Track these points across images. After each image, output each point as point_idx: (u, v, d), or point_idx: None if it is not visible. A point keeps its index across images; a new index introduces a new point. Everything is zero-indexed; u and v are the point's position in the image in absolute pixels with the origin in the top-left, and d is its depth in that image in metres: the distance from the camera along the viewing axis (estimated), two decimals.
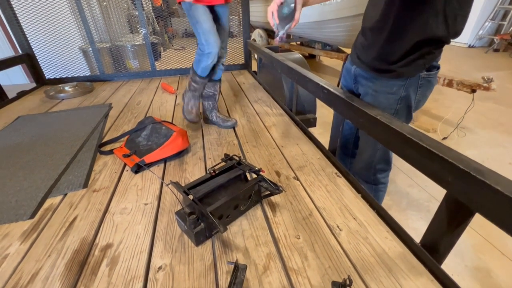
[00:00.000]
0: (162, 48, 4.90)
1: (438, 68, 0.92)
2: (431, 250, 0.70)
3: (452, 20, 0.77)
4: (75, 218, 0.91)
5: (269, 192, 0.90)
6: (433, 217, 0.68)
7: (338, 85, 1.23)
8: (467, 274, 1.22)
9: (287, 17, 0.89)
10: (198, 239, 0.78)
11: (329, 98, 1.11)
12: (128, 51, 3.64)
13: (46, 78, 2.48)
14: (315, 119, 1.78)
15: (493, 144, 2.44)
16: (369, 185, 1.15)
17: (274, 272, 0.71)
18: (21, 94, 2.19)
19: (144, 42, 2.78)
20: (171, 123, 1.40)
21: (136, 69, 3.62)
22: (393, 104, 0.95)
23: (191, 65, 2.80)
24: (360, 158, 1.15)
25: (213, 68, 1.38)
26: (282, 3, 0.87)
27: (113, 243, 0.81)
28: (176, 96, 2.10)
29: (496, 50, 5.95)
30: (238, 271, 0.62)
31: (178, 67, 2.74)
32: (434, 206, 1.68)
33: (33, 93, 2.25)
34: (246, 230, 0.84)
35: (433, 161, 0.64)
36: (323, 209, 0.92)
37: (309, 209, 0.92)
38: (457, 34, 0.81)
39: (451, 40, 0.82)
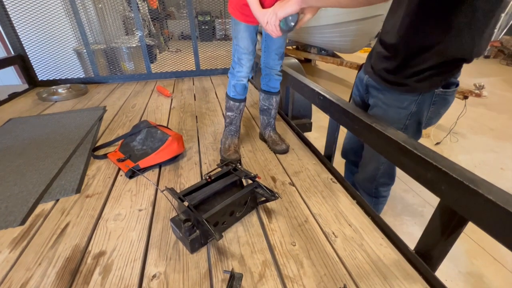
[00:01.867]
0: (157, 51, 4.88)
1: (457, 85, 0.85)
2: (425, 257, 0.70)
3: (477, 39, 0.71)
4: (67, 225, 0.90)
5: (265, 199, 0.90)
6: (427, 224, 0.69)
7: (351, 98, 1.20)
8: (460, 279, 1.24)
9: (284, 32, 0.88)
10: (193, 247, 0.77)
11: (325, 105, 1.12)
12: (123, 53, 3.60)
13: (39, 79, 2.45)
14: (310, 124, 1.79)
15: (485, 149, 2.49)
16: (370, 197, 1.12)
17: (270, 280, 0.70)
18: (13, 96, 2.15)
19: (139, 44, 2.76)
20: (167, 127, 1.39)
21: (131, 71, 3.59)
22: (403, 119, 0.90)
23: (187, 68, 2.80)
24: (363, 170, 1.12)
25: (268, 78, 1.25)
26: (282, 19, 0.83)
27: (106, 251, 0.80)
28: (172, 100, 2.09)
29: (487, 57, 6.11)
30: (234, 280, 0.61)
31: (174, 70, 2.73)
32: (428, 211, 1.71)
33: (25, 95, 2.22)
34: (241, 237, 0.84)
35: (427, 170, 0.64)
36: (319, 216, 0.92)
37: (304, 215, 0.92)
38: (480, 53, 0.75)
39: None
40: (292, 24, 0.83)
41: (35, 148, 1.37)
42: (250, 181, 0.94)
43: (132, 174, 1.14)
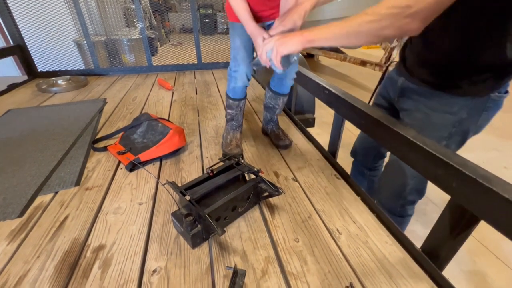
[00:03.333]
0: (159, 43, 4.82)
1: (507, 91, 0.77)
2: (432, 256, 0.69)
3: None
4: (66, 218, 0.88)
5: (268, 194, 0.88)
6: (436, 223, 0.67)
7: (370, 100, 1.15)
8: (463, 278, 1.23)
9: (285, 68, 0.80)
10: (195, 242, 0.76)
11: (330, 99, 1.10)
12: (124, 45, 3.55)
13: (39, 70, 2.41)
14: (313, 119, 1.77)
15: (488, 147, 2.46)
16: (394, 216, 0.97)
17: (273, 277, 0.69)
18: (12, 87, 2.12)
19: (140, 36, 2.72)
20: (168, 120, 1.37)
21: (132, 64, 3.55)
22: (449, 125, 0.79)
23: (188, 61, 2.76)
24: (386, 186, 0.97)
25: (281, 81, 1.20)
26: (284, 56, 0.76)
27: (105, 245, 0.78)
28: (173, 93, 2.06)
29: None
30: (237, 276, 0.60)
31: (175, 63, 2.69)
32: (431, 209, 1.69)
33: (25, 86, 2.19)
34: (244, 233, 0.82)
35: (438, 166, 0.62)
36: (323, 212, 0.90)
37: (308, 211, 0.91)
38: None
39: None
40: (294, 59, 0.81)
41: (34, 139, 1.35)
42: (252, 176, 0.92)
43: (132, 167, 1.12)
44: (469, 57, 0.71)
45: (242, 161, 0.95)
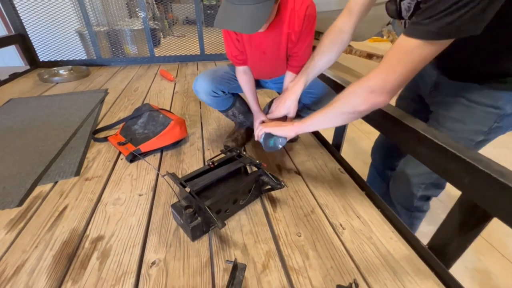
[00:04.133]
0: (162, 35, 4.75)
1: None
2: (439, 253, 0.66)
3: None
4: (65, 208, 0.87)
5: (270, 187, 0.86)
6: (445, 219, 0.64)
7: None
8: (467, 275, 1.20)
9: (268, 149, 0.90)
10: (195, 234, 0.74)
11: (336, 91, 1.06)
12: (126, 35, 3.52)
13: (40, 60, 2.39)
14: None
15: (497, 144, 2.41)
16: (408, 212, 0.94)
17: (274, 271, 0.67)
18: (14, 76, 2.11)
19: (143, 27, 2.67)
20: (169, 111, 1.34)
21: (135, 54, 3.51)
22: (490, 120, 0.74)
23: (191, 53, 2.71)
24: (402, 179, 0.90)
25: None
26: (270, 136, 0.87)
27: (104, 235, 0.77)
28: (175, 84, 2.03)
29: None
30: (237, 270, 0.58)
31: (178, 54, 2.66)
32: (436, 205, 1.66)
33: (26, 76, 2.17)
34: (245, 226, 0.81)
35: (449, 161, 0.59)
36: (326, 206, 0.88)
37: (311, 205, 0.89)
38: None
39: None
40: (280, 146, 0.88)
41: (34, 129, 1.34)
42: (254, 169, 0.90)
43: (133, 158, 1.10)
44: None
45: (244, 153, 0.93)
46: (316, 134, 1.32)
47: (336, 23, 0.85)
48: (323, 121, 0.74)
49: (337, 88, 1.05)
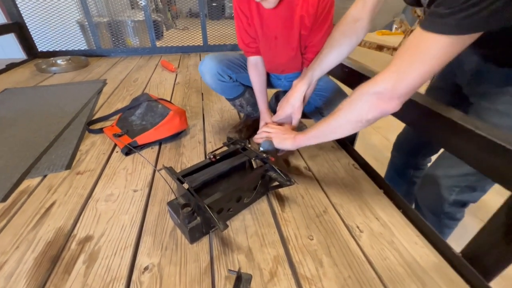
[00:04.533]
0: (164, 27, 4.65)
1: None
2: (476, 263, 0.57)
3: None
4: (53, 204, 0.79)
5: (277, 184, 0.77)
6: (486, 224, 0.55)
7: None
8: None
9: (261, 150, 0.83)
10: (193, 236, 0.66)
11: (351, 78, 0.96)
12: (128, 27, 3.42)
13: (39, 50, 2.32)
14: None
15: None
16: (436, 218, 0.81)
17: (283, 280, 0.59)
18: (10, 66, 2.04)
19: (144, 18, 2.58)
20: (169, 101, 1.25)
21: (136, 46, 3.42)
22: None
23: (194, 43, 2.62)
24: (432, 180, 0.78)
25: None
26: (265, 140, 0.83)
27: (93, 236, 0.69)
28: (177, 75, 1.94)
29: None
30: (240, 282, 0.49)
31: (180, 45, 2.56)
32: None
33: (23, 66, 2.10)
34: (249, 227, 0.72)
35: (495, 155, 0.50)
36: (340, 206, 0.79)
37: (323, 205, 0.80)
38: None
39: None
40: (270, 150, 0.82)
41: (27, 120, 1.27)
42: (257, 162, 0.81)
43: (128, 151, 1.02)
44: None
45: (249, 146, 0.84)
46: None
47: (348, 12, 0.75)
48: (327, 132, 0.67)
49: (354, 78, 0.95)
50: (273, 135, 0.82)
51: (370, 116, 0.57)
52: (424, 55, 0.46)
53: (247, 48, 0.92)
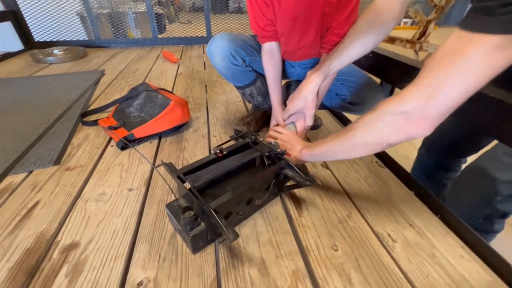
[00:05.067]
0: (167, 21, 4.54)
1: None
2: None
3: None
4: (36, 204, 0.69)
5: (293, 184, 0.67)
6: None
7: None
8: None
9: None
10: (196, 245, 0.55)
11: (376, 64, 0.84)
12: (129, 18, 3.32)
13: (36, 40, 2.22)
14: None
15: None
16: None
17: None
18: (6, 56, 1.94)
19: (146, 9, 2.46)
20: (170, 92, 1.15)
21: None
22: None
23: (197, 35, 2.51)
24: (468, 186, 0.71)
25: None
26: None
27: (80, 242, 0.59)
28: (179, 66, 1.83)
29: None
30: None
31: (183, 36, 2.45)
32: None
33: (19, 56, 2.01)
34: (262, 234, 0.61)
35: None
36: (366, 210, 0.68)
37: (346, 208, 0.69)
38: None
39: None
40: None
41: (17, 111, 1.17)
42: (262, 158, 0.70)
43: (124, 145, 0.92)
44: None
45: (261, 140, 0.73)
46: (343, 120, 1.11)
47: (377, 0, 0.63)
48: (338, 151, 0.58)
49: (376, 61, 0.83)
50: (280, 142, 0.76)
51: (393, 140, 0.47)
52: (467, 63, 0.34)
53: (263, 33, 0.82)
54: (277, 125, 0.88)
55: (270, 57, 0.85)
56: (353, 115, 0.93)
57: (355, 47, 0.68)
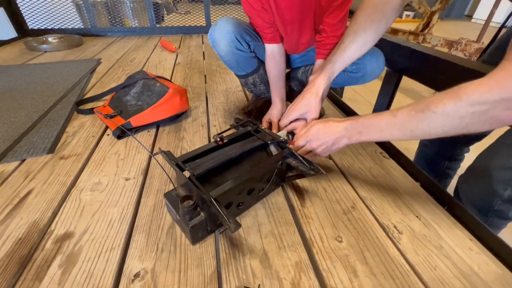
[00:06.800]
0: (165, 11, 4.45)
1: None
2: None
3: None
4: (29, 193, 0.67)
5: (297, 173, 0.64)
6: None
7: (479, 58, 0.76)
8: None
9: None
10: (196, 236, 0.53)
11: (383, 51, 0.81)
12: (127, 7, 3.24)
13: (30, 28, 2.16)
14: (342, 88, 1.48)
15: None
16: (481, 215, 0.69)
17: None
18: None
19: None
20: (169, 80, 1.11)
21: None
22: None
23: (195, 24, 2.45)
24: (482, 171, 0.67)
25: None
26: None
27: (74, 232, 0.57)
28: (177, 55, 1.79)
29: None
30: None
31: (181, 25, 2.39)
32: None
33: (12, 44, 1.95)
34: (264, 224, 0.59)
35: None
36: (371, 201, 0.66)
37: (350, 199, 0.67)
38: None
39: None
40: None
41: (9, 98, 1.13)
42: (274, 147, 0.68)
43: (121, 133, 0.89)
44: None
45: (263, 128, 0.70)
46: (346, 110, 1.08)
47: None
48: (412, 127, 0.49)
49: (382, 47, 0.80)
50: (303, 136, 0.64)
51: (485, 129, 0.42)
52: None
53: (263, 35, 0.80)
54: (271, 123, 0.86)
55: (272, 58, 0.83)
56: (352, 99, 0.90)
57: (357, 45, 0.66)
